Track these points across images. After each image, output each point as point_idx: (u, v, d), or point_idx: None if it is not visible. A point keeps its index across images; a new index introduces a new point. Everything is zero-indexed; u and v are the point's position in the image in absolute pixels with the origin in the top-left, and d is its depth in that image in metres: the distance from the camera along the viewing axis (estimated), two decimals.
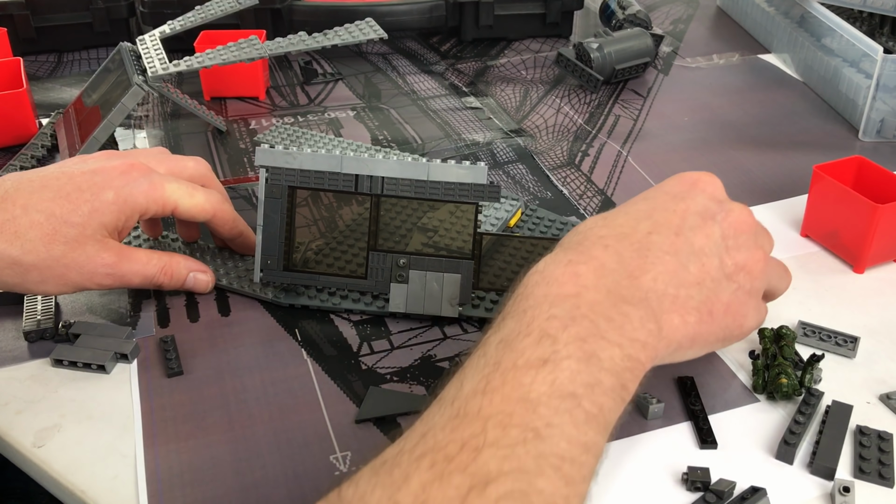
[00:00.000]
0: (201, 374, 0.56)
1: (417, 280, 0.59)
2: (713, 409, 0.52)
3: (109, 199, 0.56)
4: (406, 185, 0.58)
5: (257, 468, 0.49)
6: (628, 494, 0.47)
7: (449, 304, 0.59)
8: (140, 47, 0.82)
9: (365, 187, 0.58)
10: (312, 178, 0.58)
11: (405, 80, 0.99)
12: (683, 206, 0.50)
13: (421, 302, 0.59)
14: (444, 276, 0.58)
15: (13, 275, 0.54)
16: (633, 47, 0.96)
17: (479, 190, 0.57)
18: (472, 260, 0.58)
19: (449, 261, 0.58)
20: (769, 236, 0.54)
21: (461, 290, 0.58)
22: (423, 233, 0.58)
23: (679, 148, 0.83)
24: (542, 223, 0.69)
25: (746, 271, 0.50)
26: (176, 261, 0.60)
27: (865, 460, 0.48)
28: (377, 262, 0.59)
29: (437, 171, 0.57)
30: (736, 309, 0.49)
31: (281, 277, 0.60)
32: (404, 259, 0.58)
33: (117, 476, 0.48)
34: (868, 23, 0.98)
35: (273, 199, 0.59)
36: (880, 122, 0.83)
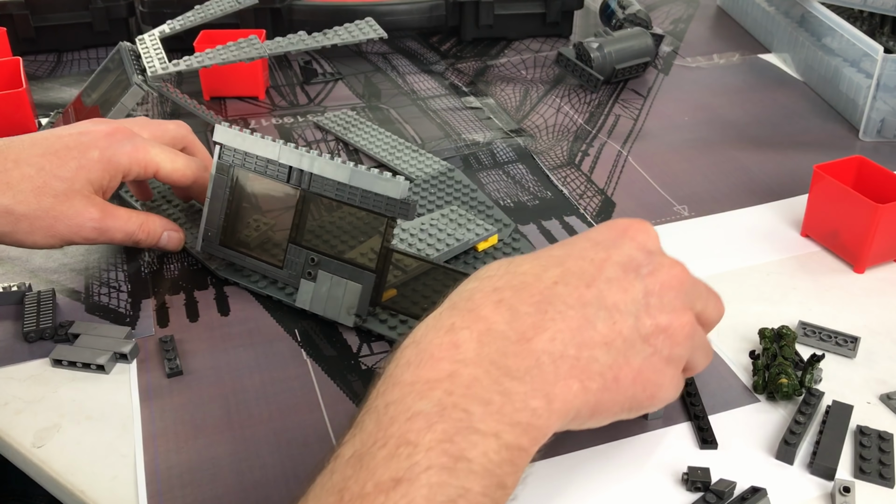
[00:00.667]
0: (201, 374, 0.56)
1: (324, 281, 0.59)
2: (713, 409, 0.52)
3: (95, 158, 0.60)
4: (330, 186, 0.58)
5: (257, 468, 0.49)
6: (628, 494, 0.47)
7: (347, 312, 0.58)
8: (140, 47, 0.82)
9: (295, 180, 0.59)
10: (254, 161, 0.60)
11: (405, 79, 0.99)
12: (605, 255, 0.44)
13: (323, 304, 0.59)
14: (347, 284, 0.58)
15: (4, 223, 0.57)
16: (633, 47, 0.96)
17: (392, 204, 0.55)
18: (375, 274, 0.57)
19: (353, 269, 0.58)
20: (713, 298, 0.48)
21: (360, 302, 0.58)
22: (338, 236, 0.59)
23: (679, 148, 0.83)
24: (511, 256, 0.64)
25: (667, 335, 0.44)
26: (152, 219, 0.64)
27: (866, 460, 0.48)
28: (294, 256, 0.60)
29: (358, 178, 0.56)
30: (648, 377, 0.43)
31: (216, 251, 0.63)
32: (316, 258, 0.59)
33: (117, 476, 0.48)
34: (868, 22, 0.98)
35: (221, 176, 0.62)
36: (881, 121, 0.83)
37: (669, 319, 0.44)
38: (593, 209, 0.73)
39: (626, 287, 0.43)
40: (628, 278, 0.43)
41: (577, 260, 0.44)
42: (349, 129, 0.85)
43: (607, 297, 0.42)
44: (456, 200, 0.71)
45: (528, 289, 0.42)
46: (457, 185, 0.74)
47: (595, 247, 0.45)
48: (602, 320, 0.42)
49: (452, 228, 0.65)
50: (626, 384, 0.42)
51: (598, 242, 0.45)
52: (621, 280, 0.43)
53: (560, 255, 0.44)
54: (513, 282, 0.42)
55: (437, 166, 0.77)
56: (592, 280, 0.43)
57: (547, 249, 0.46)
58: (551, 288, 0.42)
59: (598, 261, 0.43)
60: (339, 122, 0.87)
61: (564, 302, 0.42)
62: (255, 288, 0.62)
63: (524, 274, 0.43)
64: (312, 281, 0.59)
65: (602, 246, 0.45)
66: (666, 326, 0.44)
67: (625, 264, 0.44)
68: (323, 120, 0.87)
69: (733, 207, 0.73)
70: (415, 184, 0.74)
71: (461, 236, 0.64)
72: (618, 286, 0.43)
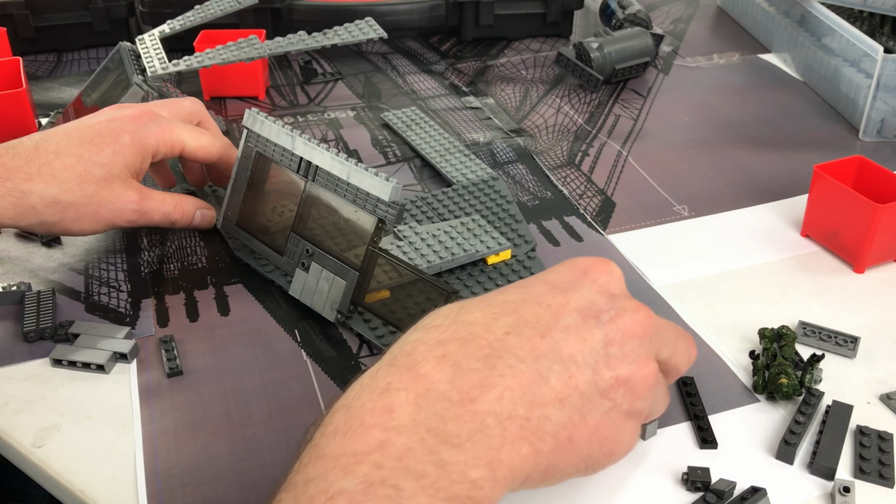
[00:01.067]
0: (201, 374, 0.56)
1: (315, 273, 0.59)
2: (713, 409, 0.52)
3: (127, 142, 0.62)
4: (332, 181, 0.58)
5: (257, 468, 0.49)
6: (628, 494, 0.47)
7: (330, 307, 0.59)
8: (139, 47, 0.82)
9: (304, 171, 0.60)
10: (272, 149, 0.62)
11: (405, 79, 0.99)
12: (563, 299, 0.41)
13: (311, 296, 0.60)
14: (333, 279, 0.58)
15: (53, 213, 0.59)
16: (633, 47, 0.96)
17: (382, 206, 0.56)
18: (358, 272, 0.57)
19: (341, 265, 0.58)
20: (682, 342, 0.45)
21: (342, 298, 0.58)
22: (335, 232, 0.59)
23: (679, 148, 0.83)
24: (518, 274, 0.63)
25: (628, 388, 0.41)
26: (185, 199, 0.66)
27: (866, 460, 0.48)
28: (293, 244, 0.61)
29: (356, 175, 0.57)
30: (606, 434, 0.40)
31: (232, 231, 0.66)
32: (311, 249, 0.60)
33: (117, 476, 0.48)
34: (868, 22, 0.98)
35: (245, 159, 0.64)
36: (881, 121, 0.83)
37: (631, 371, 0.41)
38: (593, 209, 0.73)
39: (585, 336, 0.40)
40: (587, 325, 0.40)
41: (532, 306, 0.40)
42: (410, 127, 0.85)
43: (563, 348, 0.39)
44: (486, 209, 0.70)
45: (476, 341, 0.38)
46: (493, 195, 0.72)
47: (552, 290, 0.41)
48: (556, 374, 0.38)
49: (465, 238, 0.64)
50: (581, 443, 0.39)
51: (556, 285, 0.42)
52: (580, 328, 0.40)
53: (514, 300, 0.41)
54: (460, 333, 0.39)
55: (481, 173, 0.76)
56: (548, 329, 0.39)
57: (500, 292, 0.42)
58: (502, 339, 0.39)
59: (556, 306, 0.40)
60: (402, 119, 0.87)
61: (516, 355, 0.38)
62: (262, 271, 0.63)
63: (473, 323, 0.39)
64: (306, 272, 0.60)
65: (560, 289, 0.41)
66: (627, 379, 0.40)
67: (584, 310, 0.41)
68: (389, 116, 0.87)
69: (733, 207, 0.73)
70: (452, 188, 0.73)
71: (469, 247, 0.63)
72: (576, 335, 0.40)
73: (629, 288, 0.62)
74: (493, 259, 0.64)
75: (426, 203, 0.71)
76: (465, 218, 0.67)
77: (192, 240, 0.69)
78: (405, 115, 0.88)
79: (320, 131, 0.87)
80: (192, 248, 0.68)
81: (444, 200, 0.72)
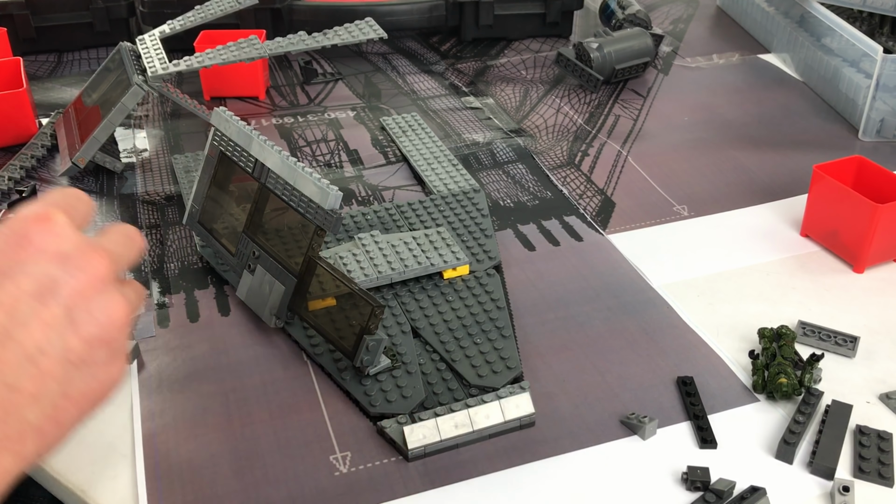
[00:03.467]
0: (201, 374, 0.56)
1: (259, 276, 0.59)
2: (713, 408, 0.52)
3: None
4: (280, 184, 0.57)
5: (257, 468, 0.49)
6: (628, 494, 0.47)
7: (269, 311, 0.58)
8: (140, 47, 0.82)
9: (257, 173, 0.59)
10: (233, 148, 0.61)
11: (405, 79, 0.99)
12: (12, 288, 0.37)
13: (254, 298, 0.59)
14: (274, 283, 0.58)
15: None
16: (633, 47, 0.96)
17: (321, 213, 0.55)
18: (296, 279, 0.56)
19: (281, 270, 0.57)
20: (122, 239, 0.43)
21: (280, 304, 0.57)
22: (278, 235, 0.58)
23: (679, 147, 0.84)
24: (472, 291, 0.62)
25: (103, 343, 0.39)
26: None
27: (865, 460, 0.48)
28: (243, 246, 0.60)
29: (300, 180, 0.56)
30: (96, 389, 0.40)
31: (194, 227, 0.65)
32: (257, 252, 0.59)
33: (117, 475, 0.48)
34: (868, 23, 0.98)
35: (210, 158, 0.62)
36: (880, 121, 0.83)
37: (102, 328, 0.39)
38: (593, 209, 0.73)
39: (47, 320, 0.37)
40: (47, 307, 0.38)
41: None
42: (405, 132, 0.85)
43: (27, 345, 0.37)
44: (459, 221, 0.70)
45: None
46: (469, 207, 0.72)
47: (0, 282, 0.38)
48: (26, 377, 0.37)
49: (424, 250, 0.64)
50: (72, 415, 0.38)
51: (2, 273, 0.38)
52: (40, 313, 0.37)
53: None
54: None
55: (463, 184, 0.75)
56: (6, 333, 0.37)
57: None
58: None
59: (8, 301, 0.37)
60: (399, 124, 0.86)
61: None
62: (219, 269, 0.64)
63: None
64: (251, 274, 0.59)
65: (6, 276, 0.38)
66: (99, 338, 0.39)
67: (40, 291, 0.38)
68: (388, 121, 0.87)
69: (733, 207, 0.73)
70: (430, 198, 0.73)
71: (424, 260, 0.63)
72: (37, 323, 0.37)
73: (629, 287, 0.63)
74: (450, 274, 0.63)
75: (399, 211, 0.71)
76: (431, 229, 0.66)
77: (192, 240, 0.69)
78: (404, 120, 0.87)
79: (320, 131, 0.87)
80: (193, 248, 0.68)
81: (418, 209, 0.71)
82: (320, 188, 0.54)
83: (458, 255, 0.64)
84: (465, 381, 0.54)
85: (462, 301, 0.61)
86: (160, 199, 0.75)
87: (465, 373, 0.55)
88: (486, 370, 0.55)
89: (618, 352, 0.57)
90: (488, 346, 0.57)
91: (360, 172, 0.79)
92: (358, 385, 0.54)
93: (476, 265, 0.65)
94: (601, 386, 0.54)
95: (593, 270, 0.65)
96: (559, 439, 0.50)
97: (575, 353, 0.57)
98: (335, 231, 0.54)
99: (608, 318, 0.60)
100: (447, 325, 0.59)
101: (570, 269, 0.65)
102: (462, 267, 0.63)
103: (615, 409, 0.52)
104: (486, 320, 0.59)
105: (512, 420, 0.51)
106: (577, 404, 0.53)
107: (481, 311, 0.60)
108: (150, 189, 0.77)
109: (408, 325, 0.59)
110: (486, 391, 0.53)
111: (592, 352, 0.57)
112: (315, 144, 0.84)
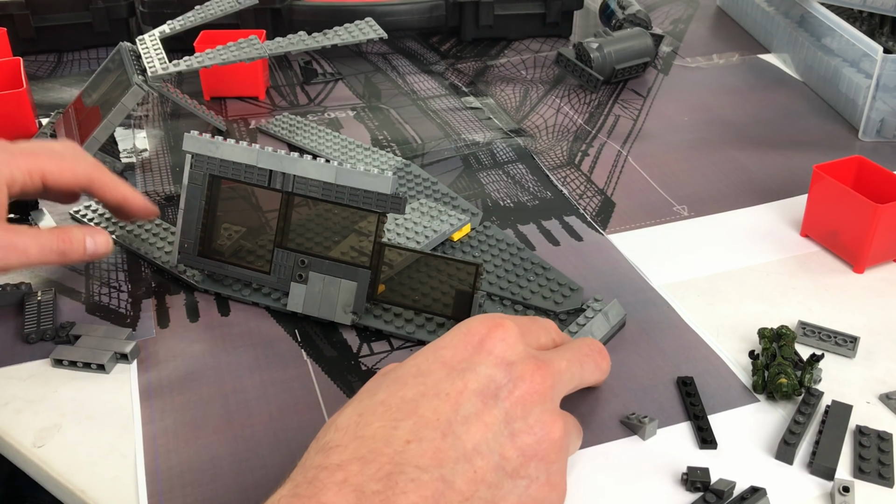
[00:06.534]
0: (201, 374, 0.56)
1: (316, 282, 0.58)
2: (713, 408, 0.52)
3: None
4: (315, 186, 0.57)
5: (257, 468, 0.49)
6: (628, 494, 0.47)
7: (343, 310, 0.58)
8: (140, 47, 0.82)
9: (277, 184, 0.58)
10: (230, 168, 0.59)
11: (405, 80, 0.99)
12: (461, 384, 0.40)
13: (318, 305, 0.59)
14: (341, 282, 0.58)
15: None
16: (632, 47, 0.96)
17: (383, 199, 0.56)
18: (370, 269, 0.57)
19: (347, 267, 0.57)
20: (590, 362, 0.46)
21: (356, 299, 0.58)
22: (328, 236, 0.58)
23: (679, 148, 0.84)
24: (488, 242, 0.66)
25: (539, 458, 0.40)
26: (68, 227, 0.57)
27: (865, 460, 0.48)
28: (281, 259, 0.59)
29: (345, 176, 0.56)
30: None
31: (195, 263, 0.61)
32: (306, 259, 0.58)
33: (117, 476, 0.48)
34: (868, 23, 0.98)
35: (195, 186, 0.60)
36: (880, 121, 0.83)
37: (538, 440, 0.40)
38: (593, 209, 0.73)
39: (487, 421, 0.39)
40: (488, 408, 0.39)
41: (431, 400, 0.39)
42: (295, 133, 0.84)
43: (466, 442, 0.38)
44: (420, 194, 0.72)
45: (376, 459, 0.37)
46: (417, 180, 0.74)
47: (450, 375, 0.40)
48: (461, 474, 0.38)
49: (427, 221, 0.65)
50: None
51: (452, 367, 0.41)
52: (481, 414, 0.39)
53: (413, 396, 0.40)
54: (360, 451, 0.38)
55: (392, 162, 0.77)
56: (448, 425, 0.38)
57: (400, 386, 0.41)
58: (403, 451, 0.37)
59: (454, 395, 0.39)
60: (283, 127, 0.86)
61: (418, 466, 0.37)
62: (238, 296, 0.62)
63: (373, 438, 0.38)
64: (304, 283, 0.59)
65: (458, 371, 0.40)
66: (535, 451, 0.40)
67: (483, 391, 0.40)
68: (268, 126, 0.86)
69: (733, 207, 0.73)
70: None
71: (437, 227, 0.65)
72: (477, 423, 0.39)
73: (629, 287, 0.63)
74: (458, 235, 0.66)
75: None
76: (414, 203, 0.68)
77: None
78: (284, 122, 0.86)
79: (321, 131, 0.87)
80: None
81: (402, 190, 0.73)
82: (375, 177, 0.56)
83: (458, 216, 0.67)
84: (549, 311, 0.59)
85: (488, 253, 0.64)
86: (160, 199, 0.75)
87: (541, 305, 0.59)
88: (560, 297, 0.59)
89: (618, 352, 0.57)
90: (544, 280, 0.61)
91: None
92: None
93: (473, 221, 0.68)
94: (601, 386, 0.54)
95: (593, 270, 0.65)
96: None
97: None
98: (402, 211, 0.56)
99: None
100: (497, 274, 0.62)
101: (570, 269, 0.65)
102: (465, 227, 0.66)
103: (615, 409, 0.52)
104: (520, 261, 0.63)
105: None
106: (577, 404, 0.53)
107: (510, 256, 0.64)
108: (150, 189, 0.77)
109: None
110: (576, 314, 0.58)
111: None
112: None
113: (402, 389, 0.40)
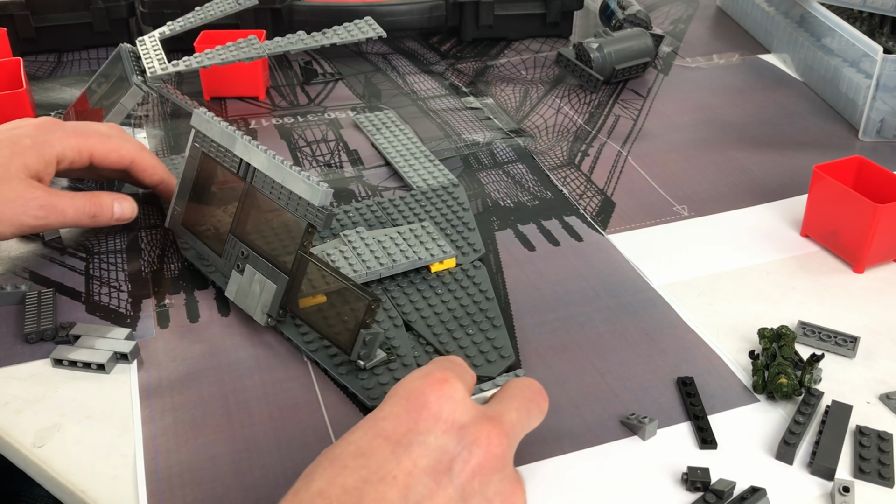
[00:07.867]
0: (201, 374, 0.56)
1: (248, 276, 0.59)
2: (713, 409, 0.52)
3: (27, 144, 0.61)
4: (267, 183, 0.58)
5: (257, 468, 0.49)
6: (628, 494, 0.47)
7: (261, 310, 0.58)
8: (140, 48, 0.82)
9: (242, 173, 0.59)
10: (215, 149, 0.61)
11: (405, 80, 0.99)
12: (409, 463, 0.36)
13: (245, 298, 0.59)
14: (265, 282, 0.58)
15: None
16: (633, 47, 0.96)
17: (311, 210, 0.55)
18: (288, 277, 0.57)
19: (272, 269, 0.57)
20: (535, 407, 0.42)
21: (272, 302, 0.58)
22: (270, 234, 0.58)
23: (679, 148, 0.84)
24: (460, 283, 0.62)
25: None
26: (98, 193, 0.64)
27: (865, 460, 0.48)
28: (231, 246, 0.60)
29: (289, 179, 0.56)
30: None
31: (177, 230, 0.66)
32: (246, 251, 0.59)
33: (117, 476, 0.48)
34: (868, 23, 0.98)
35: (192, 159, 0.63)
36: (880, 122, 0.83)
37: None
38: (593, 209, 0.73)
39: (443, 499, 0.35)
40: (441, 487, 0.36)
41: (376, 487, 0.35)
42: (380, 130, 0.85)
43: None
44: (441, 216, 0.70)
45: None
46: (450, 202, 0.72)
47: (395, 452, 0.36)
48: None
49: (410, 244, 0.64)
50: None
51: (397, 442, 0.36)
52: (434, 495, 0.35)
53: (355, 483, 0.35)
54: None
55: (442, 179, 0.76)
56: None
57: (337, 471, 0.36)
58: None
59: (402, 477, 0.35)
60: (373, 121, 0.87)
61: None
62: (205, 272, 0.64)
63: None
64: (241, 274, 0.59)
65: (403, 446, 0.36)
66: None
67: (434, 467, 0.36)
68: (360, 118, 0.87)
69: (733, 207, 0.73)
70: (411, 194, 0.73)
71: (412, 254, 0.63)
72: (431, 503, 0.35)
73: (629, 287, 0.63)
74: (437, 267, 0.63)
75: (381, 207, 0.71)
76: (415, 224, 0.67)
77: None
78: (377, 117, 0.88)
79: (320, 131, 0.87)
80: None
81: (399, 206, 0.71)
82: (310, 186, 0.54)
83: (444, 248, 0.64)
84: None
85: (451, 293, 0.61)
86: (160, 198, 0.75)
87: None
88: (481, 360, 0.55)
89: (618, 352, 0.57)
90: (481, 337, 0.57)
91: (360, 172, 0.79)
92: (355, 379, 0.54)
93: (462, 258, 0.65)
94: (601, 386, 0.54)
95: (593, 270, 0.65)
96: (559, 440, 0.50)
97: (575, 353, 0.57)
98: (326, 227, 0.55)
99: (608, 318, 0.60)
100: (439, 317, 0.59)
101: (570, 269, 0.65)
102: (449, 260, 0.64)
103: (615, 409, 0.52)
104: (476, 311, 0.60)
105: None
106: (577, 405, 0.53)
107: (471, 303, 0.60)
108: None
109: (399, 319, 0.59)
110: (483, 381, 0.53)
111: (592, 352, 0.57)
112: (315, 144, 0.84)
113: (341, 475, 0.36)
